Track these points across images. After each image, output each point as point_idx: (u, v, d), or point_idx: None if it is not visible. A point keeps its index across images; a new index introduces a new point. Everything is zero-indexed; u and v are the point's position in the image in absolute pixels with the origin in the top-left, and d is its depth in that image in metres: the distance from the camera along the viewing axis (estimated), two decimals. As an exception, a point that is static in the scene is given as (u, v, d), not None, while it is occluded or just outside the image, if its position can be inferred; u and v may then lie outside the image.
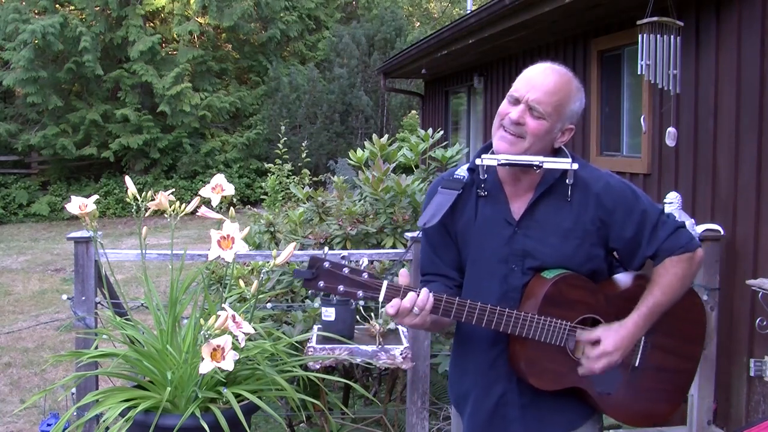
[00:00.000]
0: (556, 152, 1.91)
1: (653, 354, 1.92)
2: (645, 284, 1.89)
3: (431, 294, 1.76)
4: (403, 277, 1.78)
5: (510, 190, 1.92)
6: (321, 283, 1.74)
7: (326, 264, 1.74)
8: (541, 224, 1.87)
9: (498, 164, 1.86)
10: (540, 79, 1.83)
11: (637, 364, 1.91)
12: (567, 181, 1.86)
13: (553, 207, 1.88)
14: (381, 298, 1.74)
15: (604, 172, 1.94)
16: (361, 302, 3.03)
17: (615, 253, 1.94)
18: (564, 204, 1.87)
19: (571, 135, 1.90)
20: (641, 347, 1.91)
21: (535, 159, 1.83)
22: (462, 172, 1.96)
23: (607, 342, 1.81)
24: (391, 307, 1.74)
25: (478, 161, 1.88)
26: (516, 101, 1.84)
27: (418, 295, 1.75)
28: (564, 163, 1.85)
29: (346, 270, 1.74)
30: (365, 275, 1.74)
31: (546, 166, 1.84)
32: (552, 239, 1.86)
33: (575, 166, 1.85)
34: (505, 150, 1.85)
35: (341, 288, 1.74)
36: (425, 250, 2.01)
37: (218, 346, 2.00)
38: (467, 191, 1.94)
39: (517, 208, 1.90)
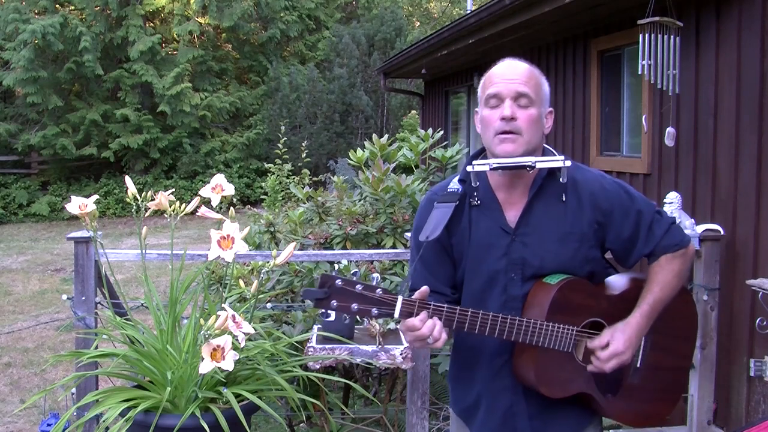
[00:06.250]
0: (544, 151, 1.90)
1: (652, 354, 1.92)
2: (641, 284, 1.89)
3: (445, 309, 1.72)
4: (420, 292, 1.72)
5: (503, 197, 1.88)
6: (334, 303, 1.67)
7: (338, 282, 1.67)
8: (537, 230, 1.84)
9: (490, 169, 1.81)
10: (513, 72, 1.85)
11: (638, 364, 1.91)
12: (561, 179, 1.83)
13: (548, 211, 1.85)
14: (396, 315, 1.68)
15: (596, 173, 1.93)
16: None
17: (610, 252, 1.93)
18: (559, 206, 1.84)
19: (552, 118, 1.90)
20: (642, 347, 1.90)
21: (527, 160, 1.78)
22: (454, 184, 1.92)
23: (617, 343, 1.79)
24: (408, 332, 1.69)
25: (469, 168, 1.84)
26: (499, 101, 1.83)
27: (431, 315, 1.70)
28: (556, 161, 1.81)
29: (359, 287, 1.68)
30: (379, 291, 1.68)
31: (539, 165, 1.80)
32: (550, 245, 1.83)
33: (568, 162, 1.81)
34: (512, 151, 1.80)
35: (355, 306, 1.67)
36: (418, 267, 1.93)
37: (218, 346, 2.00)
38: (461, 203, 1.90)
39: (513, 215, 1.86)
